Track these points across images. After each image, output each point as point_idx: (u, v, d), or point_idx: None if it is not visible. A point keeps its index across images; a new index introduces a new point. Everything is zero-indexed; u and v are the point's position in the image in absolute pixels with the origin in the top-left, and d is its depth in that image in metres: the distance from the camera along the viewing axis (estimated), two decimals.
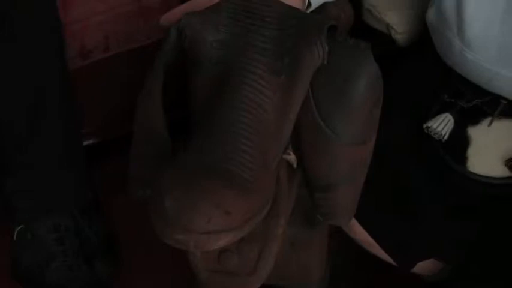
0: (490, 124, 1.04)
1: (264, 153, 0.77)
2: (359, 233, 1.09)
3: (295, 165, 0.87)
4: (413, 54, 1.21)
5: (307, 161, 0.85)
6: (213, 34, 0.80)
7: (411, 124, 1.07)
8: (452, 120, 1.04)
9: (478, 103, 1.05)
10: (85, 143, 1.36)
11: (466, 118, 1.05)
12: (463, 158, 1.03)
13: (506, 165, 1.01)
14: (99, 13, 1.34)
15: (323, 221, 0.92)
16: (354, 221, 1.05)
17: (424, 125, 1.05)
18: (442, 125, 1.04)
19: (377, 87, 0.83)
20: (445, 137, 1.04)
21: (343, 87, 0.81)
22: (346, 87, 0.81)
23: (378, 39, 1.28)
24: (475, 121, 1.05)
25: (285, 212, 0.85)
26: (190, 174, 0.72)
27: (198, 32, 0.80)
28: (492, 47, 0.99)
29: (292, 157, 0.86)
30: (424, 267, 1.12)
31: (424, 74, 1.14)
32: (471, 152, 1.03)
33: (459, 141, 1.04)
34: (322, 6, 0.95)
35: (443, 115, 1.05)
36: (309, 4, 0.91)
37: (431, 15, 1.10)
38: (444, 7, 1.03)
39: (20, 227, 1.30)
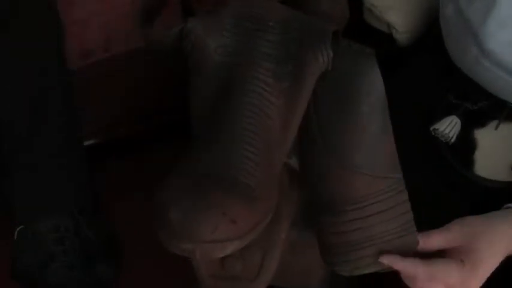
0: (496, 127, 1.03)
1: (268, 160, 0.76)
2: None
3: (297, 169, 0.86)
4: (416, 55, 1.20)
5: None
6: (217, 40, 0.80)
7: (415, 126, 1.07)
8: (459, 123, 1.04)
9: (484, 105, 1.04)
10: (85, 143, 1.36)
11: (472, 120, 1.04)
12: (470, 162, 1.02)
13: None
14: (99, 13, 1.33)
15: None
16: None
17: (431, 127, 1.04)
18: (450, 127, 1.03)
19: (381, 92, 0.83)
20: (452, 140, 1.03)
21: (347, 93, 0.81)
22: (350, 94, 0.81)
23: (378, 39, 1.27)
24: (482, 123, 1.04)
25: (288, 216, 0.85)
26: (195, 183, 0.72)
27: (201, 38, 0.80)
28: (511, 61, 0.97)
29: (294, 161, 0.86)
30: None
31: (428, 75, 1.13)
32: (478, 155, 1.02)
33: (466, 144, 1.03)
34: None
35: (450, 117, 1.04)
36: None
37: (448, 13, 1.06)
38: (469, 12, 1.00)
39: (20, 227, 1.30)
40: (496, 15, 0.96)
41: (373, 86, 0.80)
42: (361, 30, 1.24)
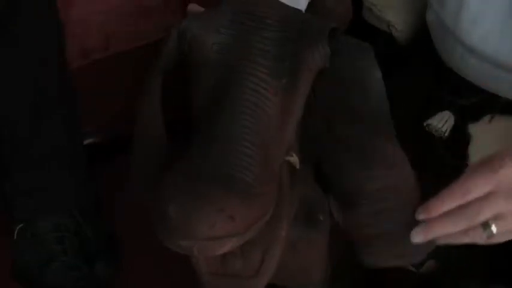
0: (490, 121, 1.03)
1: (267, 157, 0.76)
2: None
3: (297, 167, 0.86)
4: (413, 53, 1.21)
5: None
6: (214, 36, 0.80)
7: (409, 122, 1.07)
8: (452, 118, 1.04)
9: (478, 100, 1.05)
10: (85, 142, 1.36)
11: (467, 115, 1.05)
12: (464, 156, 1.02)
13: None
14: (99, 13, 1.34)
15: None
16: None
17: (425, 123, 1.05)
18: (442, 122, 1.04)
19: (380, 87, 0.83)
20: (446, 134, 1.04)
21: (346, 88, 0.81)
22: (349, 89, 0.81)
23: (378, 38, 1.28)
24: (476, 118, 1.04)
25: (288, 214, 0.85)
26: (193, 180, 0.72)
27: (198, 35, 0.80)
28: (493, 53, 0.98)
29: (294, 159, 0.85)
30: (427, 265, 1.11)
31: (424, 72, 1.14)
32: (472, 149, 1.03)
33: (460, 139, 1.04)
34: None
35: (444, 112, 1.05)
36: None
37: (430, 18, 1.10)
38: (443, 15, 1.03)
39: (20, 226, 1.30)
40: (466, 14, 0.99)
41: (373, 79, 0.81)
42: (361, 29, 1.25)
